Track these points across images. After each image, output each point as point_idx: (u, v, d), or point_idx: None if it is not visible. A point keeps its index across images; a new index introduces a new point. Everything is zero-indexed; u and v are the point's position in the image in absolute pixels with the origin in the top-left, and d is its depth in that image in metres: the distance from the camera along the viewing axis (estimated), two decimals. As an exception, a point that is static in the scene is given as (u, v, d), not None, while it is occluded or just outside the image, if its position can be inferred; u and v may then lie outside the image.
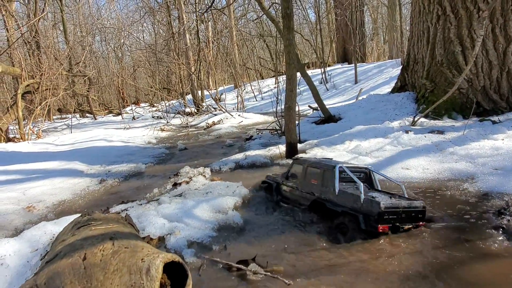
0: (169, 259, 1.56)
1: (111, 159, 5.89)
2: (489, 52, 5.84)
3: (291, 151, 5.03)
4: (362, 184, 2.71)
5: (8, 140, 9.16)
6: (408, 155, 4.06)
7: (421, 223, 2.63)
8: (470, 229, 2.50)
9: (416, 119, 5.65)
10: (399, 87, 7.51)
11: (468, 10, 5.88)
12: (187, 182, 4.04)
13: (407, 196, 2.79)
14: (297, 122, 5.36)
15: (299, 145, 5.29)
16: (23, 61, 10.43)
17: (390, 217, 2.49)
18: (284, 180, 3.44)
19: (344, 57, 22.24)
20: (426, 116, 5.80)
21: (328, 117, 7.28)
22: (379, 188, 3.06)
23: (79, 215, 2.47)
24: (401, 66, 14.00)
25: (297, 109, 5.50)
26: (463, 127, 4.85)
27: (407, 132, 4.97)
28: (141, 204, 3.24)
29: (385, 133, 5.07)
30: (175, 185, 3.96)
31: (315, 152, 4.79)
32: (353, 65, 16.93)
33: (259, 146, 6.34)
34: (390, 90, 10.93)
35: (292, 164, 3.48)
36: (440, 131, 4.99)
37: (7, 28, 12.00)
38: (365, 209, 2.56)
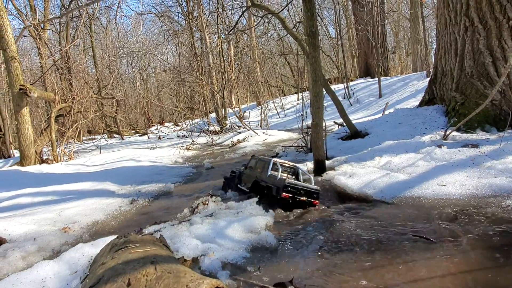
0: (214, 285, 1.54)
1: (140, 179, 5.99)
2: (521, 62, 5.66)
3: (319, 168, 4.98)
4: (280, 169, 4.02)
5: (42, 161, 9.52)
6: (442, 171, 3.91)
7: (316, 201, 3.82)
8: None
9: (447, 132, 5.48)
10: (427, 101, 7.35)
11: (497, 20, 5.75)
12: (216, 202, 4.05)
13: (313, 184, 3.97)
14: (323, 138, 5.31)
15: (327, 162, 5.23)
16: (56, 86, 10.92)
17: (291, 189, 3.69)
18: (244, 169, 4.86)
19: (367, 72, 22.06)
20: (458, 130, 5.63)
21: (354, 133, 7.19)
22: (300, 179, 4.26)
23: (116, 237, 2.50)
24: (427, 78, 13.76)
25: (323, 125, 5.45)
26: (498, 140, 4.66)
27: (439, 146, 4.82)
28: (173, 225, 3.26)
29: (416, 148, 4.94)
30: (205, 204, 3.97)
31: (344, 169, 4.70)
32: (376, 79, 16.77)
33: (286, 163, 6.31)
34: (416, 103, 10.73)
35: (250, 159, 4.88)
36: (475, 145, 4.81)
37: (41, 55, 12.64)
38: (278, 183, 3.79)
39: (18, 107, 8.31)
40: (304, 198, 3.74)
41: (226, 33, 16.37)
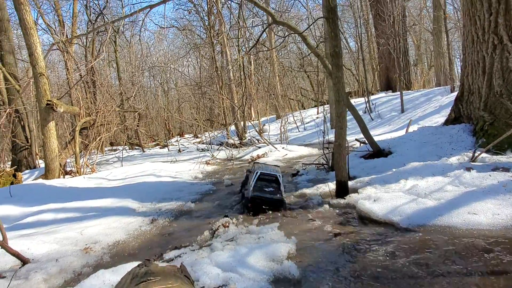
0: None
1: (161, 196, 6.01)
2: (555, 81, 5.43)
3: (342, 190, 4.86)
4: (253, 184, 4.73)
5: (66, 173, 9.73)
6: (473, 198, 3.73)
7: (282, 209, 4.60)
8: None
9: (476, 154, 5.28)
10: (453, 119, 7.13)
11: (529, 38, 5.55)
12: (237, 225, 3.99)
13: (280, 192, 4.75)
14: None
15: (349, 183, 5.09)
16: (81, 100, 11.22)
17: (256, 201, 4.51)
18: (248, 173, 5.56)
19: (388, 85, 21.78)
20: (487, 151, 5.42)
21: (377, 151, 7.03)
22: (282, 189, 4.88)
23: (136, 264, 2.46)
24: (452, 93, 13.44)
25: (346, 145, 5.34)
26: (532, 164, 4.45)
27: (468, 169, 4.63)
28: (194, 250, 3.21)
29: (443, 170, 4.76)
30: (226, 227, 3.93)
31: (368, 192, 4.57)
32: (398, 93, 16.52)
33: (307, 182, 6.21)
34: (440, 119, 10.48)
35: (253, 164, 5.77)
36: (506, 168, 4.60)
37: (68, 70, 13.06)
38: (247, 195, 4.65)
39: (44, 121, 8.56)
40: (267, 207, 4.55)
41: (247, 51, 16.57)
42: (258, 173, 5.00)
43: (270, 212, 4.58)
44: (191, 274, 2.67)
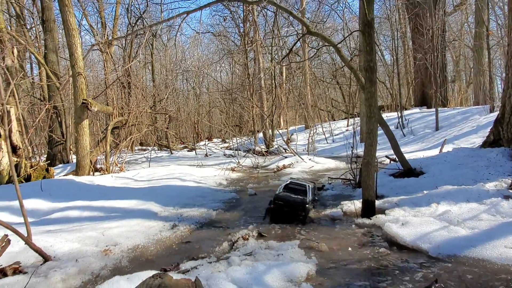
0: None
1: (183, 201, 6.02)
2: None
3: (368, 209, 4.68)
4: (282, 188, 5.24)
5: (96, 170, 10.00)
6: (510, 230, 3.47)
7: (302, 213, 4.61)
8: None
9: (516, 181, 4.94)
10: (492, 141, 6.75)
11: None
12: (257, 238, 3.91)
13: (307, 196, 4.91)
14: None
15: (376, 202, 4.89)
16: (115, 100, 11.56)
17: (278, 202, 4.67)
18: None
19: (423, 101, 21.09)
20: (528, 179, 5.06)
21: (408, 170, 6.75)
22: (308, 196, 4.96)
23: (151, 275, 2.43)
24: (491, 114, 12.81)
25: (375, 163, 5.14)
26: None
27: (506, 198, 4.33)
28: (211, 263, 3.15)
29: (479, 197, 4.48)
30: (245, 240, 3.85)
31: (396, 214, 4.37)
32: (433, 109, 15.97)
33: (332, 198, 6.04)
34: (477, 140, 9.99)
35: (289, 179, 6.04)
36: (548, 200, 4.26)
37: (105, 71, 13.54)
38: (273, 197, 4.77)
39: (79, 119, 8.85)
40: (286, 209, 4.63)
41: (279, 60, 16.59)
42: (288, 182, 5.49)
43: (289, 224, 4.51)
44: (206, 288, 2.61)
